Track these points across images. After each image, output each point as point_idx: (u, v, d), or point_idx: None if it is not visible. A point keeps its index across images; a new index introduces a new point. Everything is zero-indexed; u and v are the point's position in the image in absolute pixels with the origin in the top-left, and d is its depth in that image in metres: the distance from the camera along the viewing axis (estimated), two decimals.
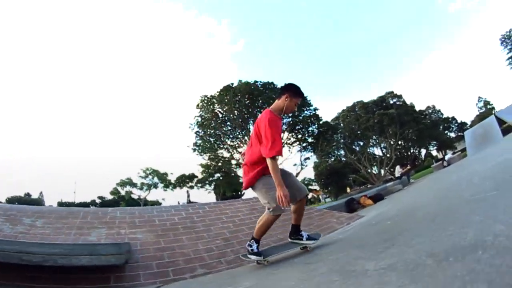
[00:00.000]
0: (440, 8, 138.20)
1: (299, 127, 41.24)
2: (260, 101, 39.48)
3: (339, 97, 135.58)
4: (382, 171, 54.74)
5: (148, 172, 57.83)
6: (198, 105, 40.91)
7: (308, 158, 42.67)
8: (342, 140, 54.78)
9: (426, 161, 63.20)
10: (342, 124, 53.81)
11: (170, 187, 58.42)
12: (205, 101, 40.68)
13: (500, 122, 16.85)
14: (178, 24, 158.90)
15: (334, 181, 47.68)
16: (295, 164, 44.25)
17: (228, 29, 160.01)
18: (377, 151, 57.43)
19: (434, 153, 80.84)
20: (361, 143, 54.94)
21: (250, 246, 3.78)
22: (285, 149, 40.05)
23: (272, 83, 40.55)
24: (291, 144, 42.17)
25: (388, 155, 55.23)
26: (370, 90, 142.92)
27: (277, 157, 3.47)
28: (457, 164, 15.97)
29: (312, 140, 42.25)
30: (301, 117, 40.90)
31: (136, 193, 60.25)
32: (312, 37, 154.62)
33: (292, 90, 3.79)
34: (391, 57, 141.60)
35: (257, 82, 40.43)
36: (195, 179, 55.40)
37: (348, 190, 67.04)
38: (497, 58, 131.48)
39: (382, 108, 52.91)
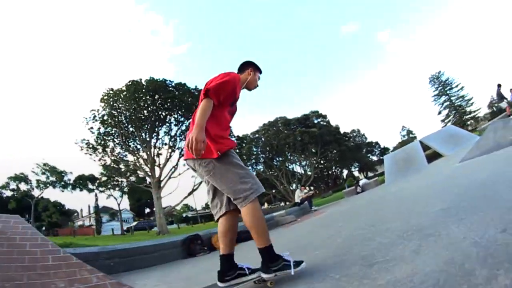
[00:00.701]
0: (379, 45, 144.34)
1: None
2: (172, 103, 33.55)
3: (265, 111, 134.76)
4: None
5: (44, 168, 48.58)
6: (102, 98, 33.92)
7: None
8: (262, 155, 50.71)
9: (347, 181, 61.44)
10: (262, 138, 49.43)
11: (69, 188, 50.00)
12: (110, 95, 33.79)
13: (424, 148, 15.30)
14: (124, 15, 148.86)
15: None
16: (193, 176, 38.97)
17: (174, 30, 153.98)
18: (298, 169, 54.37)
19: (356, 173, 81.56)
20: (281, 159, 51.19)
21: (274, 260, 2.28)
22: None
23: (184, 84, 34.84)
24: None
25: (309, 173, 52.24)
26: (296, 107, 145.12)
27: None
28: (371, 194, 12.71)
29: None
30: None
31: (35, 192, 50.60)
32: (251, 52, 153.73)
33: (254, 64, 2.94)
34: (324, 80, 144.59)
35: (167, 80, 34.41)
36: (97, 182, 47.84)
37: (266, 205, 63.15)
38: (423, 94, 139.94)
39: (305, 126, 49.45)
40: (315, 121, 52.49)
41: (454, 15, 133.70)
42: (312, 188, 64.17)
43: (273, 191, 55.41)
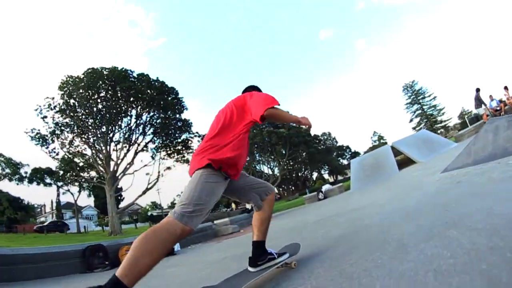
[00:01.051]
0: (356, 50, 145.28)
1: (170, 132, 32.78)
2: (132, 94, 30.57)
3: None
4: None
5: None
6: (60, 86, 30.47)
7: (169, 168, 33.66)
8: None
9: (317, 183, 60.28)
10: None
11: (25, 181, 45.85)
12: (69, 83, 30.37)
13: (395, 153, 13.59)
14: (101, 3, 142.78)
15: None
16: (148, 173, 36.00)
17: (153, 23, 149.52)
18: (266, 169, 52.21)
19: (326, 176, 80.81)
20: (248, 159, 48.90)
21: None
22: (147, 154, 31.75)
23: (146, 75, 31.94)
24: (158, 149, 33.51)
25: (277, 174, 50.23)
26: None
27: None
28: (332, 203, 11.01)
29: (181, 148, 33.87)
30: (173, 121, 32.74)
31: None
32: (230, 50, 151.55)
33: (259, 90, 2.79)
34: (297, 81, 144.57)
35: (128, 70, 31.41)
36: (54, 176, 43.94)
37: (233, 205, 60.36)
38: (396, 101, 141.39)
39: (274, 127, 47.07)
40: None
41: (431, 27, 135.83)
42: (279, 189, 62.31)
43: None
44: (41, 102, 30.33)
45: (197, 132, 34.35)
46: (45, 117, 29.98)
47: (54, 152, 31.06)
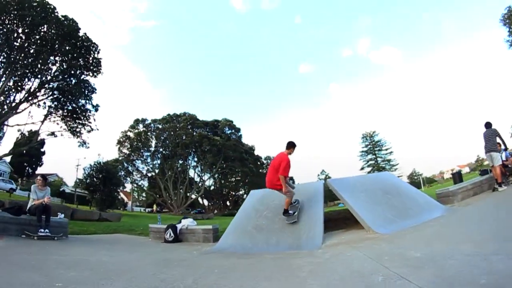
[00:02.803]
0: (327, 93, 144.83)
1: (76, 92, 25.36)
2: (58, 42, 23.64)
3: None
4: (190, 197, 43.59)
5: None
6: None
7: (53, 134, 24.77)
8: (161, 150, 41.82)
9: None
10: (166, 133, 40.61)
11: None
12: None
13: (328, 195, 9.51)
14: None
15: (102, 185, 29.16)
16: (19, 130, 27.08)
17: (151, 3, 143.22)
18: (192, 174, 45.97)
19: None
20: (180, 161, 42.57)
21: (290, 213, 6.63)
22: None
23: (73, 20, 24.86)
24: (57, 108, 26.03)
25: (204, 183, 44.41)
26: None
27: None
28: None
29: (80, 115, 26.35)
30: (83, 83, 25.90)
31: None
32: (210, 54, 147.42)
33: (295, 146, 6.66)
34: (263, 99, 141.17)
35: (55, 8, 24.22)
36: None
37: (154, 207, 53.17)
38: (351, 146, 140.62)
39: (213, 133, 41.60)
40: (227, 132, 44.87)
41: (402, 91, 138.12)
42: (208, 203, 55.98)
43: (158, 196, 45.53)
44: None
45: (89, 97, 27.02)
46: None
47: None
